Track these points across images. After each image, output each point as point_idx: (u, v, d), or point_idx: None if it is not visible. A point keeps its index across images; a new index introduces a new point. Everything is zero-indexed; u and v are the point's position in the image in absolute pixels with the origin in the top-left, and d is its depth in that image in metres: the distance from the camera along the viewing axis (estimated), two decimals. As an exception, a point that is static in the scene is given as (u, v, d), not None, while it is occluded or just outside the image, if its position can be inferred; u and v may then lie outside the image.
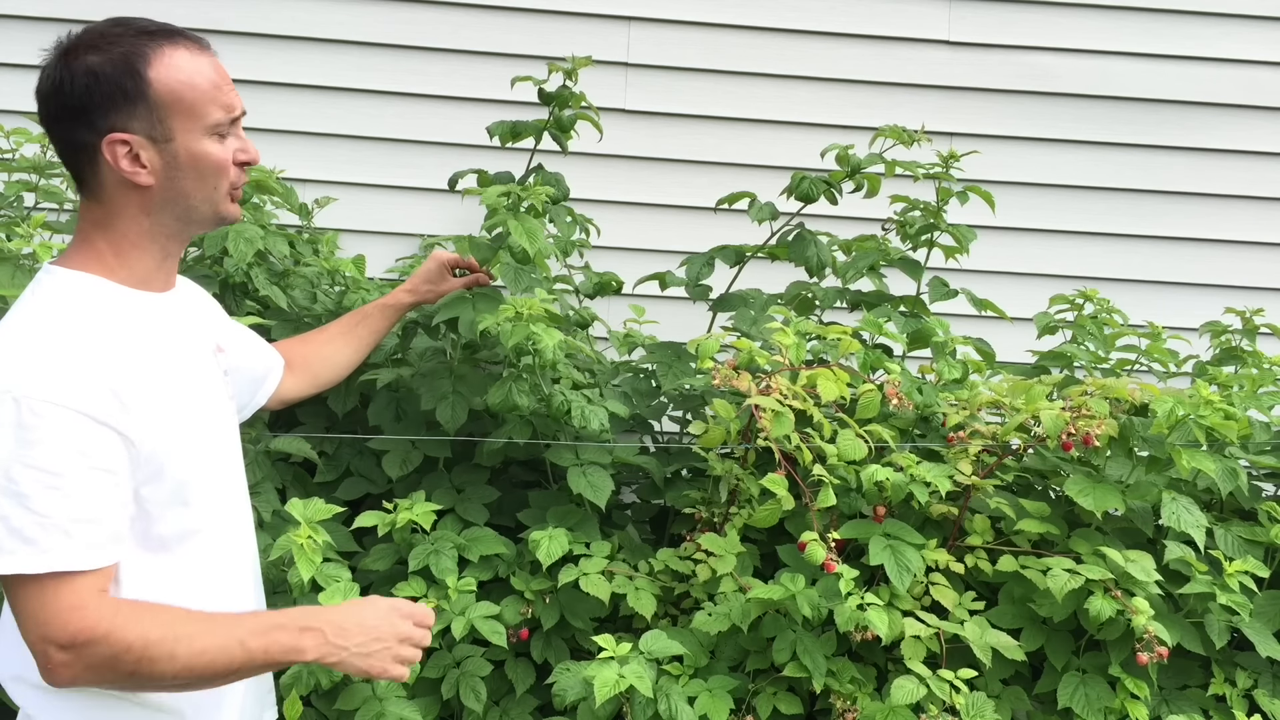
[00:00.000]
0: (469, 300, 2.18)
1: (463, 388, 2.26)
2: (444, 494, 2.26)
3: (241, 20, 3.06)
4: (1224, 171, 3.31)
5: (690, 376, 2.36)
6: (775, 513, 2.02)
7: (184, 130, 1.27)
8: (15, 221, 2.27)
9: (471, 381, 2.28)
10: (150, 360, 1.27)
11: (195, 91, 1.27)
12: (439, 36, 3.12)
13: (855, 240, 2.63)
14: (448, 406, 2.23)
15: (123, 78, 1.24)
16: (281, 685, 1.87)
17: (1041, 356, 2.67)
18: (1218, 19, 3.29)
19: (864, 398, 2.12)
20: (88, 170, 1.27)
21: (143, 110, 1.24)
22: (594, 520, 2.24)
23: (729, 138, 3.20)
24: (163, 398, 1.27)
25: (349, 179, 3.10)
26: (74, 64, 1.24)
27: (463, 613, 2.00)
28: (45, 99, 1.27)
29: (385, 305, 2.03)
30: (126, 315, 1.28)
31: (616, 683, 1.79)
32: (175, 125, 1.26)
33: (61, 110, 1.26)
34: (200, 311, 1.50)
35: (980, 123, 3.26)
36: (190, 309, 1.44)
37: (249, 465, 2.10)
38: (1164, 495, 2.10)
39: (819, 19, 3.21)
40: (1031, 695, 2.13)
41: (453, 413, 2.23)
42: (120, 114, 1.24)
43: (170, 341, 1.34)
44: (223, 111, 1.29)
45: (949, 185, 2.51)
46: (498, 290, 2.23)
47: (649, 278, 2.68)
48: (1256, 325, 2.68)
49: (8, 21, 2.95)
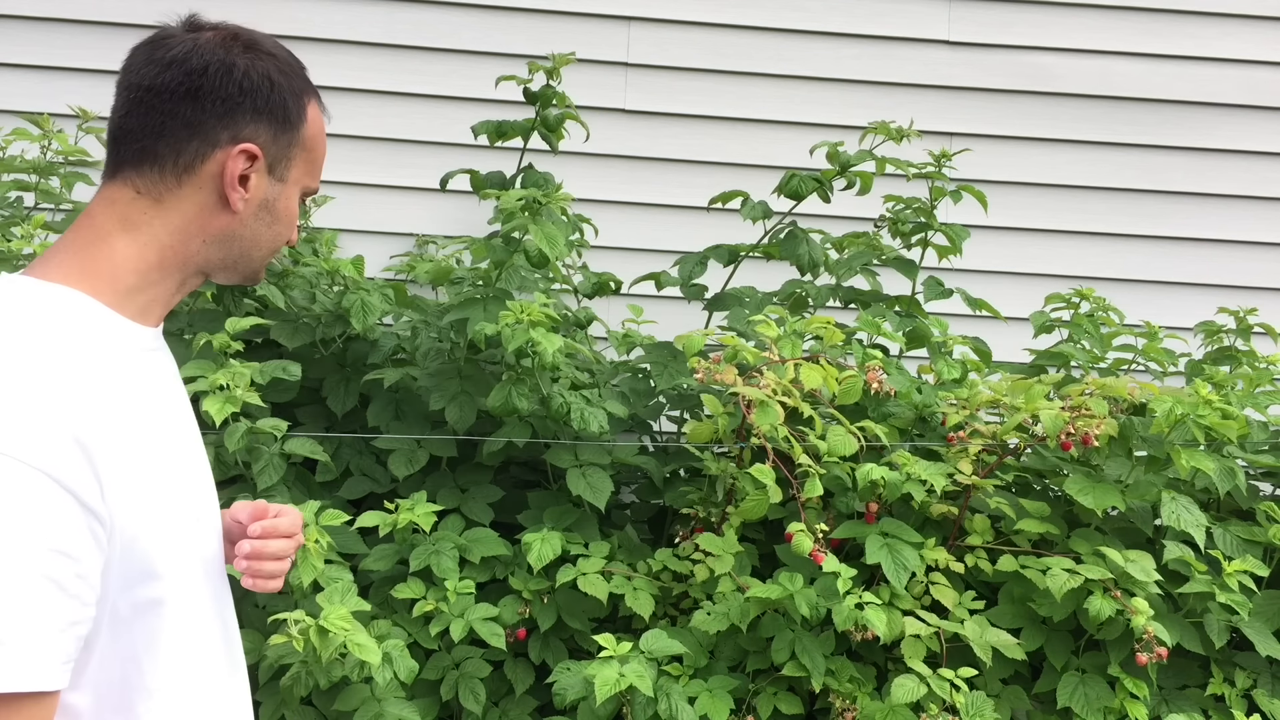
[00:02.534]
0: (480, 302, 2.19)
1: (470, 388, 2.27)
2: (448, 493, 2.27)
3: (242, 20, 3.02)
4: (1224, 171, 3.31)
5: (686, 376, 2.36)
6: (763, 504, 2.02)
7: (296, 180, 1.17)
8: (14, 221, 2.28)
9: (478, 382, 2.28)
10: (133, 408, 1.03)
11: (319, 151, 1.20)
12: (439, 36, 3.12)
13: (847, 237, 2.63)
14: (456, 406, 2.24)
15: (290, 100, 1.14)
16: (282, 687, 1.87)
17: (1038, 356, 2.67)
18: (1218, 19, 3.29)
19: (846, 383, 2.12)
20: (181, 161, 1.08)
21: (285, 141, 1.14)
22: (593, 520, 2.24)
23: (728, 138, 3.20)
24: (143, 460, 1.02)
25: (348, 179, 3.10)
26: (257, 60, 1.13)
27: (461, 614, 2.00)
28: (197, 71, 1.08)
29: None
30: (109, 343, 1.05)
31: (617, 682, 1.79)
32: (295, 171, 1.16)
33: (215, 92, 1.09)
34: None
35: (980, 122, 3.26)
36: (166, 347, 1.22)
37: (265, 468, 2.10)
38: (1163, 495, 2.10)
39: (819, 19, 3.21)
40: (1031, 694, 2.13)
41: (461, 413, 2.24)
42: (267, 132, 1.12)
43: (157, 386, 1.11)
44: (318, 183, 1.21)
45: (942, 184, 2.51)
46: (507, 292, 2.24)
47: (645, 278, 2.69)
48: (1250, 325, 2.68)
49: (8, 21, 2.95)
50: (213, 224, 1.11)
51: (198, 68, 1.08)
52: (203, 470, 1.18)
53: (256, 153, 1.10)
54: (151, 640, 1.04)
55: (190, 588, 1.09)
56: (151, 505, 1.01)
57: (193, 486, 1.13)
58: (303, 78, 1.17)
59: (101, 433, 0.96)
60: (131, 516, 0.98)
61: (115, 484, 0.96)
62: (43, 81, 2.94)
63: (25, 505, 0.89)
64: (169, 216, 1.09)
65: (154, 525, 1.01)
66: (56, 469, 0.91)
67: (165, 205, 1.09)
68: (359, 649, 1.75)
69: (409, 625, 2.04)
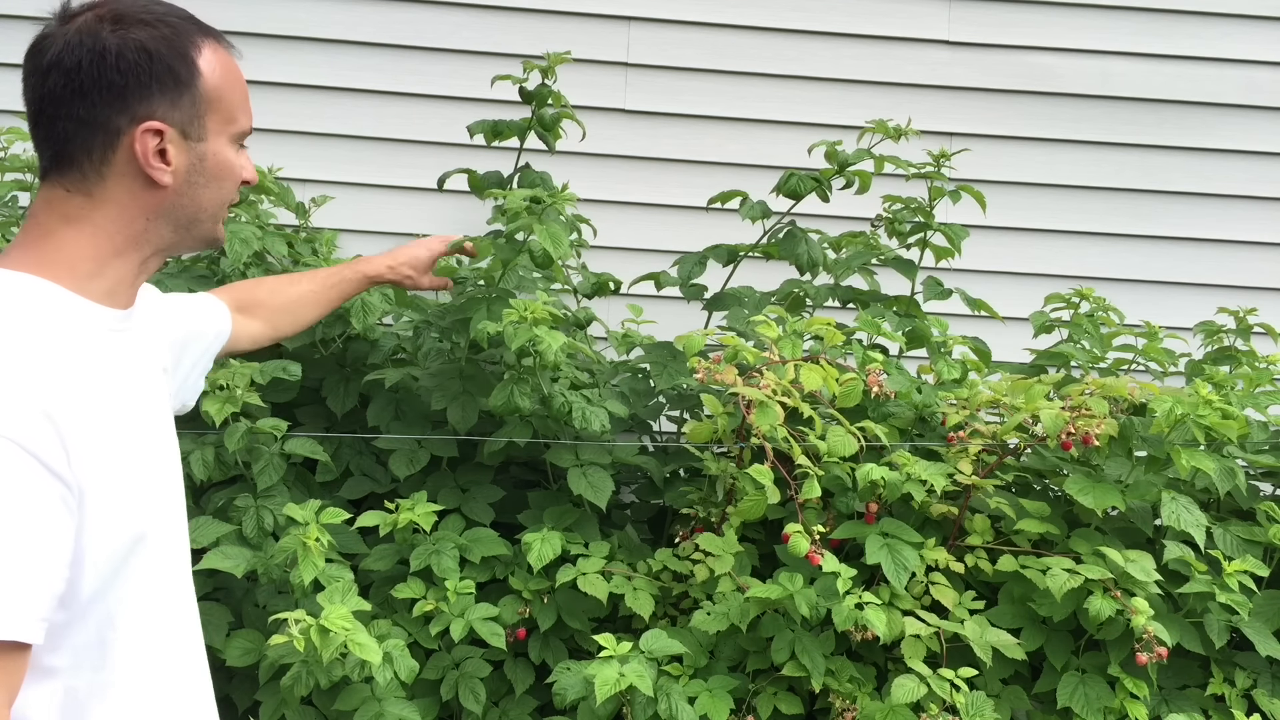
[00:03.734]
0: (483, 301, 2.19)
1: (472, 388, 2.27)
2: (449, 493, 2.27)
3: (241, 20, 3.06)
4: (1224, 171, 3.31)
5: (685, 376, 2.36)
6: (761, 504, 2.03)
7: (216, 133, 1.14)
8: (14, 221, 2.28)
9: (480, 381, 2.28)
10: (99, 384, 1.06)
11: (233, 92, 1.15)
12: (439, 36, 3.12)
13: (845, 236, 2.63)
14: (458, 407, 2.24)
15: (175, 61, 1.09)
16: (282, 686, 1.87)
17: (1038, 356, 2.67)
18: (1218, 19, 3.29)
19: (845, 385, 2.12)
20: (94, 157, 1.08)
21: (186, 102, 1.10)
22: (593, 520, 2.24)
23: (728, 138, 3.20)
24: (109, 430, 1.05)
25: (348, 179, 3.10)
26: (125, 34, 1.07)
27: (462, 614, 2.00)
28: (73, 69, 1.07)
29: (366, 276, 1.87)
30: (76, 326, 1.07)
31: (617, 682, 1.79)
32: (211, 125, 1.13)
33: (96, 83, 1.07)
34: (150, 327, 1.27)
35: (979, 122, 3.26)
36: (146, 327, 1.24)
37: (265, 468, 2.11)
38: (1163, 495, 2.10)
39: (819, 19, 3.21)
40: (1031, 694, 2.13)
41: (463, 413, 2.24)
42: (163, 101, 1.09)
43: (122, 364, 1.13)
44: (249, 121, 1.18)
45: (941, 184, 2.51)
46: (510, 292, 2.24)
47: (644, 278, 2.68)
48: (1250, 325, 2.68)
49: (8, 21, 2.95)
50: (149, 203, 1.11)
51: (72, 65, 1.07)
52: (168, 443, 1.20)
53: (160, 127, 1.09)
54: (125, 601, 1.07)
55: (158, 548, 1.13)
56: (118, 473, 1.05)
57: (158, 458, 1.16)
58: (185, 34, 1.11)
59: (68, 406, 0.99)
60: (99, 483, 1.01)
61: (82, 453, 0.99)
62: (42, 81, 2.93)
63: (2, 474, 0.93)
64: (105, 208, 1.10)
65: (122, 492, 1.05)
66: (25, 438, 0.94)
67: (97, 198, 1.10)
68: (359, 649, 1.75)
69: (409, 625, 2.04)
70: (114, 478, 1.04)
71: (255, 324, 1.64)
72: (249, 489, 2.13)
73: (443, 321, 2.31)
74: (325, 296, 1.79)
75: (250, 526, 2.05)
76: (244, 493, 2.12)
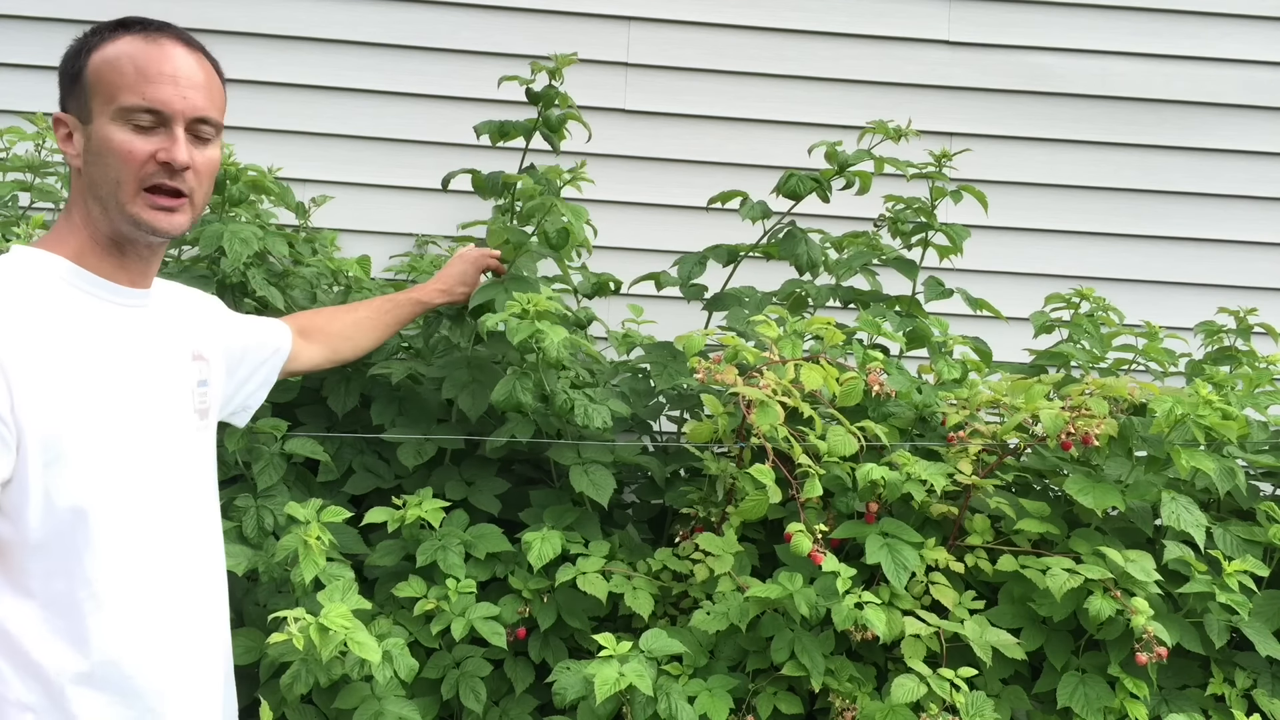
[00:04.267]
0: (503, 286, 2.20)
1: (481, 377, 2.27)
2: (455, 485, 2.28)
3: (241, 20, 3.06)
4: (1224, 171, 3.31)
5: (686, 376, 2.36)
6: (762, 504, 2.03)
7: (100, 113, 1.25)
8: (12, 221, 2.28)
9: (488, 371, 2.29)
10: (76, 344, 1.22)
11: (116, 74, 1.24)
12: (439, 36, 3.12)
13: (846, 237, 2.63)
14: (469, 395, 2.25)
15: (72, 60, 1.27)
16: (282, 685, 1.87)
17: (1038, 356, 2.67)
18: (1218, 19, 3.29)
19: (846, 385, 2.12)
20: None
21: (78, 91, 1.26)
22: (594, 519, 2.25)
23: (728, 138, 3.20)
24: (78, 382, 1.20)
25: (348, 179, 3.10)
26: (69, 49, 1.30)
27: (462, 613, 2.00)
28: None
29: (419, 301, 2.05)
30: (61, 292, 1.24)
31: (617, 681, 1.79)
32: (95, 107, 1.25)
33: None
34: (182, 316, 1.44)
35: (980, 123, 3.26)
36: (169, 311, 1.40)
37: (265, 468, 2.11)
38: (1163, 495, 2.10)
39: (819, 19, 3.22)
40: (1031, 694, 2.13)
41: (474, 401, 2.24)
42: (66, 95, 1.28)
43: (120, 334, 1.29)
44: (137, 98, 1.24)
45: (942, 184, 2.51)
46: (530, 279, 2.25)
47: (644, 278, 2.69)
48: (1250, 325, 2.68)
49: (8, 21, 2.95)
50: (79, 185, 1.29)
51: None
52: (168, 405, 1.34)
53: (62, 116, 1.28)
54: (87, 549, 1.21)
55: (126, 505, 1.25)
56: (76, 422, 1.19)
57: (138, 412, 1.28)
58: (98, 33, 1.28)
59: (20, 356, 1.15)
60: (49, 427, 1.17)
61: (29, 397, 1.15)
62: (43, 81, 2.93)
63: None
64: (72, 194, 1.30)
65: (78, 439, 1.19)
66: None
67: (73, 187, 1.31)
68: (359, 647, 1.75)
69: (410, 624, 2.04)
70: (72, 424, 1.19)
71: (314, 347, 1.79)
72: (249, 489, 2.13)
73: (451, 311, 2.31)
74: (381, 322, 1.93)
75: (250, 526, 2.06)
76: (244, 493, 2.12)
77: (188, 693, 1.33)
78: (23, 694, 1.19)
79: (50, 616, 1.20)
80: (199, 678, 1.36)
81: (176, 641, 1.32)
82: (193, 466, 1.39)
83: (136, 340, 1.31)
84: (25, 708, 1.19)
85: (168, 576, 1.31)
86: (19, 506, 1.17)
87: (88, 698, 1.22)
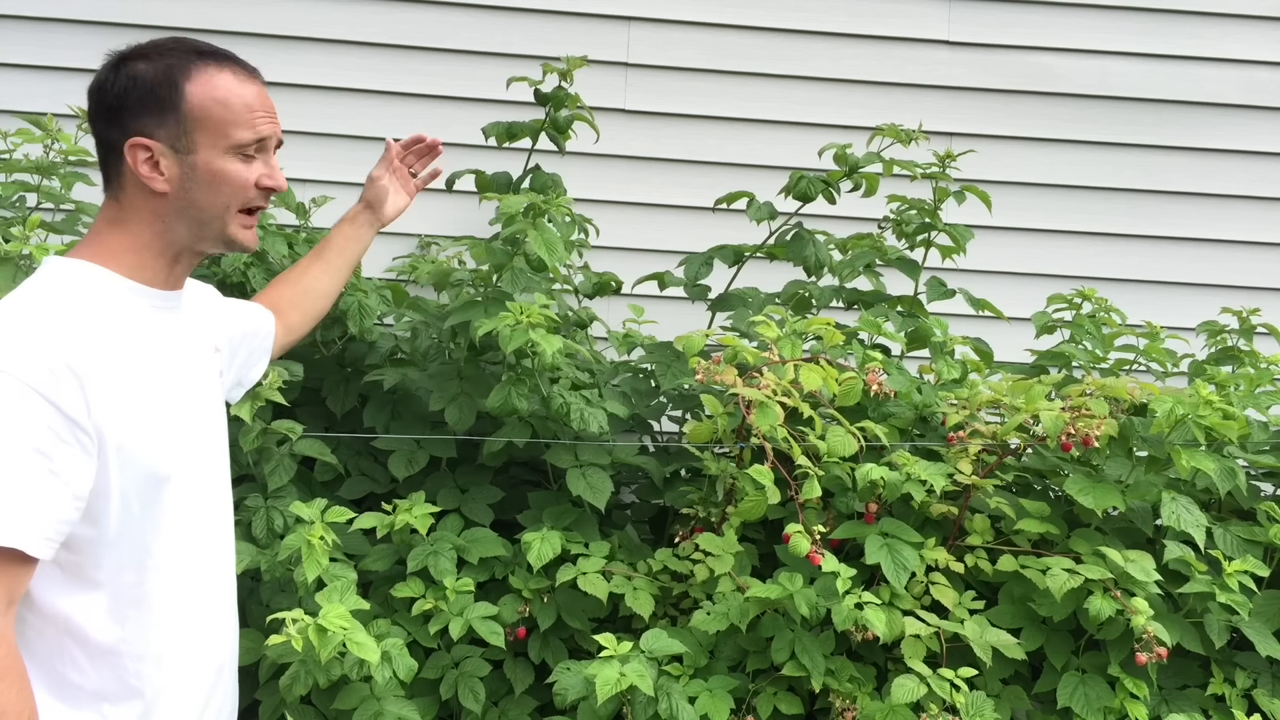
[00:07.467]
0: (480, 304, 2.19)
1: (470, 389, 2.27)
2: (448, 494, 2.27)
3: (242, 20, 3.06)
4: (1224, 171, 3.31)
5: (688, 376, 2.36)
6: (761, 504, 2.02)
7: (207, 145, 1.32)
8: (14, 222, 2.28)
9: (478, 383, 2.28)
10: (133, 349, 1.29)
11: (226, 110, 1.34)
12: (439, 36, 3.12)
13: (851, 239, 2.63)
14: (456, 408, 2.25)
15: (159, 87, 1.31)
16: (281, 686, 1.87)
17: (1040, 356, 2.67)
18: (1218, 19, 3.29)
19: (845, 385, 2.12)
20: (112, 169, 1.33)
21: (171, 120, 1.31)
22: (593, 520, 2.24)
23: (729, 138, 3.20)
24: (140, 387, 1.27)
25: (348, 179, 3.09)
26: (122, 68, 1.32)
27: (461, 613, 2.00)
28: (90, 96, 1.34)
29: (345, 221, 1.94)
30: (116, 301, 1.30)
31: (618, 681, 1.79)
32: (200, 139, 1.32)
33: (99, 108, 1.33)
34: (202, 311, 1.52)
35: (980, 123, 3.26)
36: (193, 308, 1.47)
37: (276, 469, 2.11)
38: (1163, 495, 2.10)
39: (819, 19, 3.21)
40: (1031, 694, 2.13)
41: (461, 414, 2.24)
42: (149, 120, 1.30)
43: (164, 336, 1.36)
44: (249, 133, 1.35)
45: (946, 185, 2.51)
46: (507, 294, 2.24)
47: (648, 278, 2.68)
48: (1253, 325, 2.68)
49: (8, 21, 2.95)
50: (159, 206, 1.33)
51: (90, 92, 1.34)
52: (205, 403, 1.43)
53: (146, 142, 1.30)
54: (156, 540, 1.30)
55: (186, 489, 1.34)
56: (142, 421, 1.26)
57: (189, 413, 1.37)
58: (178, 64, 1.32)
59: (94, 363, 1.21)
60: (122, 429, 1.23)
61: (104, 403, 1.21)
62: (43, 81, 2.94)
63: (12, 409, 1.14)
64: (130, 211, 1.33)
65: (145, 437, 1.26)
66: (43, 387, 1.16)
67: (124, 203, 1.33)
68: (358, 648, 1.75)
69: (408, 624, 2.04)
70: (138, 426, 1.25)
71: (289, 314, 1.82)
72: (259, 489, 2.13)
73: (441, 322, 2.31)
74: (333, 264, 1.91)
75: (260, 527, 2.06)
76: (254, 493, 2.12)
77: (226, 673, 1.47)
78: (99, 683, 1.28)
79: (119, 605, 1.28)
80: (231, 659, 1.49)
81: (219, 623, 1.44)
82: (224, 458, 1.50)
83: (178, 342, 1.39)
84: (102, 697, 1.28)
85: (212, 564, 1.42)
86: (102, 510, 1.23)
87: (154, 679, 1.32)
